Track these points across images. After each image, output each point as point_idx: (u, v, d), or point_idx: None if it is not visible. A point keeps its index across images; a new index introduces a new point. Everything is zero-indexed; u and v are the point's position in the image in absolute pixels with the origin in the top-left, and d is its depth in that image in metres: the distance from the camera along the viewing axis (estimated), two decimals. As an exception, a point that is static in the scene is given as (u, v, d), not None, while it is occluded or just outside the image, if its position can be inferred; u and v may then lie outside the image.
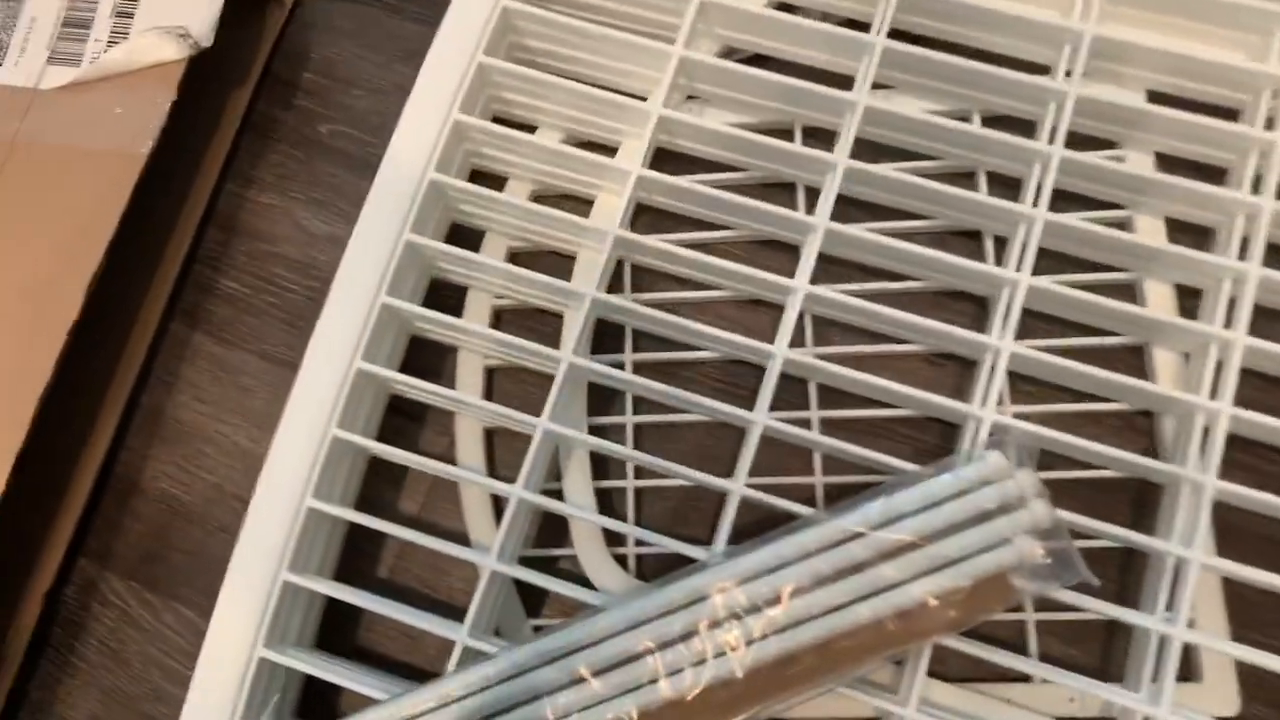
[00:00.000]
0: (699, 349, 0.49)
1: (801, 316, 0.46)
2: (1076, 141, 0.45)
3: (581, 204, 0.51)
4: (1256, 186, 0.45)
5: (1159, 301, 0.47)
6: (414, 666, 0.48)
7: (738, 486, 0.41)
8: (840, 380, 0.45)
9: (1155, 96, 0.48)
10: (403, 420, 0.50)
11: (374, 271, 0.45)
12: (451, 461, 0.48)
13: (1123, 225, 0.48)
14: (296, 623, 0.44)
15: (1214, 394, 0.42)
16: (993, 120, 0.48)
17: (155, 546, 0.51)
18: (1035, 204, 0.44)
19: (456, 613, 0.47)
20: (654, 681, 0.36)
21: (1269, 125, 0.45)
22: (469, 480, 0.46)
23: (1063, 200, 0.45)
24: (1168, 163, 0.48)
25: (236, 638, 0.41)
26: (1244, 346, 0.42)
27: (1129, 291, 0.47)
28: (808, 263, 0.44)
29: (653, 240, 0.46)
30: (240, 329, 0.53)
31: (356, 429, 0.45)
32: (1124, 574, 0.45)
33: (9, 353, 0.45)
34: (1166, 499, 0.44)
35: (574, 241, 0.49)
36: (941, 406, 0.43)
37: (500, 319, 0.51)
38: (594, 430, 0.48)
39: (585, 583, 0.45)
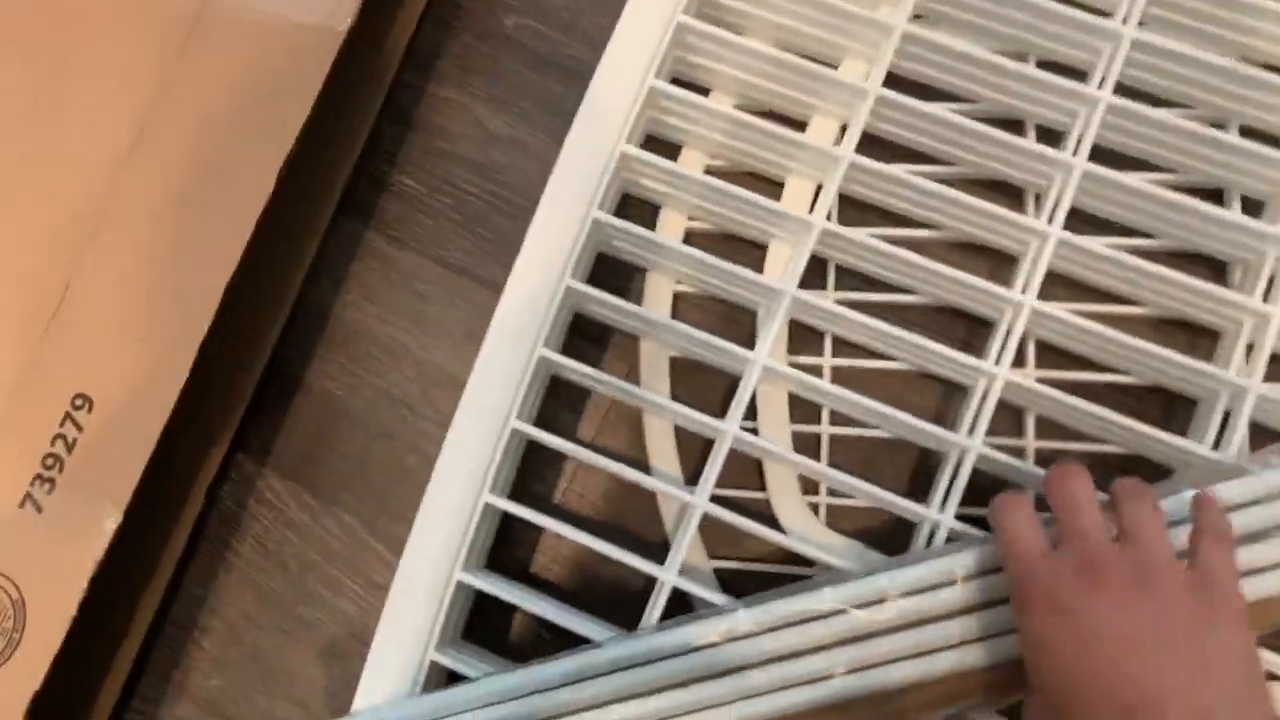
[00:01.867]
0: (909, 291, 0.45)
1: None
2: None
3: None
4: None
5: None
6: (588, 596, 0.46)
7: (975, 444, 0.39)
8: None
9: None
10: (582, 342, 0.48)
11: (587, 185, 0.42)
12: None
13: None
14: (479, 544, 0.42)
15: None
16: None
17: (317, 448, 0.49)
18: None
19: (630, 541, 0.46)
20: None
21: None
22: (679, 414, 0.43)
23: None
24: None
25: (435, 561, 0.39)
26: None
27: None
28: (1035, 276, 0.41)
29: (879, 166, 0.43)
30: (414, 229, 0.50)
31: (552, 348, 0.43)
32: None
33: (197, 236, 0.43)
34: None
35: (781, 164, 0.46)
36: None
37: (689, 241, 0.48)
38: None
39: (775, 526, 0.43)
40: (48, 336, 0.43)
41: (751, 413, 0.45)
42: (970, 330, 0.46)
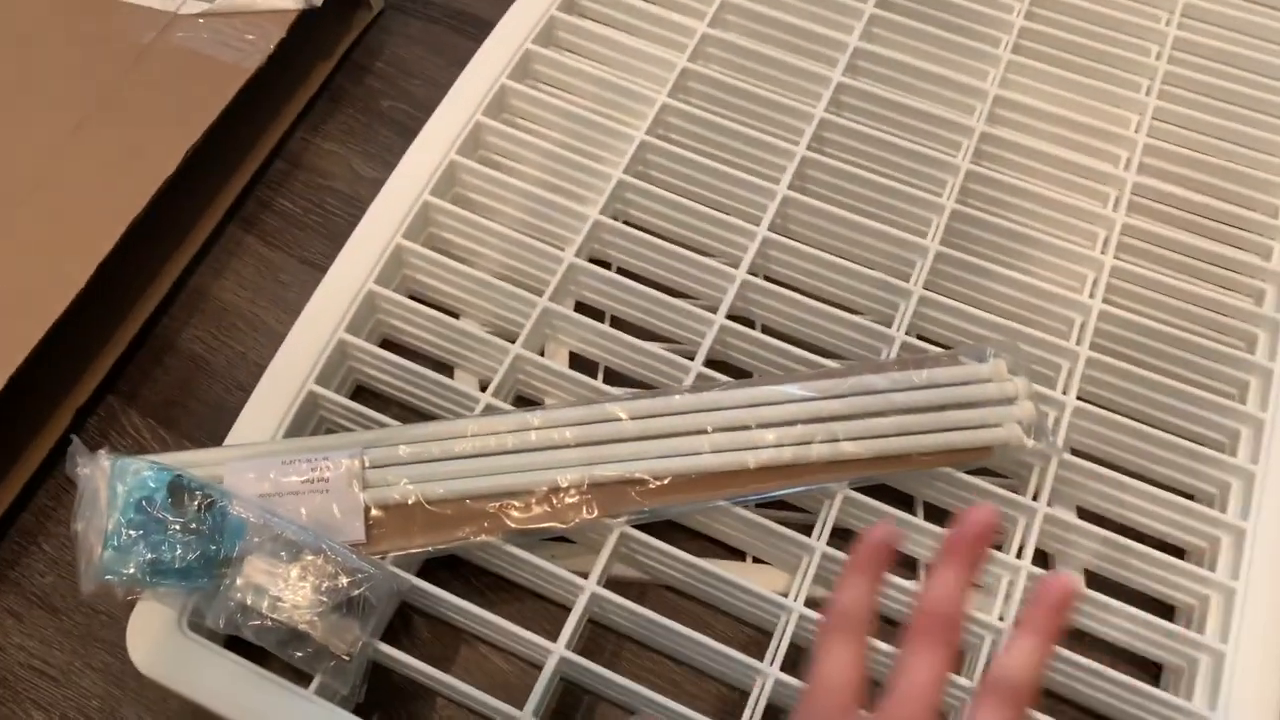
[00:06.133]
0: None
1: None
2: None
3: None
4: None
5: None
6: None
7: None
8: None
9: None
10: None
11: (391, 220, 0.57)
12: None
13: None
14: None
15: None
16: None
17: (178, 395, 0.58)
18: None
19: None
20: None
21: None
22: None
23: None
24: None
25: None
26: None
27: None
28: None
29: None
30: (287, 238, 0.63)
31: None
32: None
33: (100, 193, 0.55)
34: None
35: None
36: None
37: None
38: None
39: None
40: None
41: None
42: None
